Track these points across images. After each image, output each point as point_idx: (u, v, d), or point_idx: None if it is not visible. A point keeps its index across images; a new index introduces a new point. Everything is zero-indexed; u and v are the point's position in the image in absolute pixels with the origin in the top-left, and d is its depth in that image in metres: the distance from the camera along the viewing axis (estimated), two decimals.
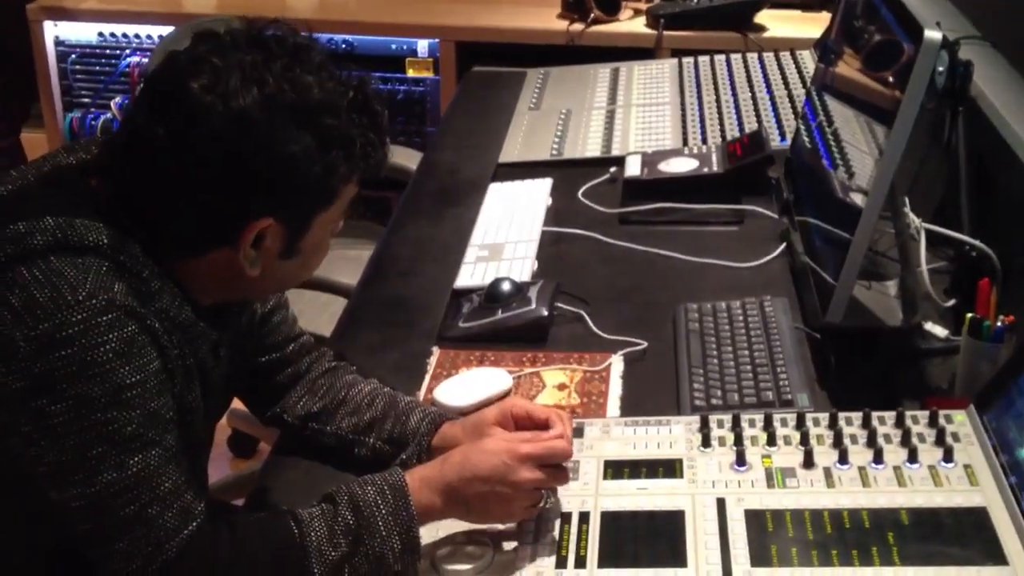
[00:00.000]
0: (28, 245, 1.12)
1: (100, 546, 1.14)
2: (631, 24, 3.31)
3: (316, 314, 2.35)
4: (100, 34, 3.59)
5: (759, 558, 1.20)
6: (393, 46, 3.45)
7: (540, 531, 1.27)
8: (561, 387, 1.59)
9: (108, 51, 3.60)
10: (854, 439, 1.36)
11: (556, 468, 1.26)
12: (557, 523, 1.28)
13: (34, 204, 1.17)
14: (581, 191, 2.17)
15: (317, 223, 1.23)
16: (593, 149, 2.36)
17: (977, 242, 1.70)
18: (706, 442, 1.39)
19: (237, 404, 1.51)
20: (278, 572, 1.17)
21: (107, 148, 1.22)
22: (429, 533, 1.27)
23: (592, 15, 3.26)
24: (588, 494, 1.32)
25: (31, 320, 1.09)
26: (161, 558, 1.13)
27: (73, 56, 3.62)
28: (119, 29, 3.57)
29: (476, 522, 1.27)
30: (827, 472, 1.32)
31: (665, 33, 3.20)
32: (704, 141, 2.35)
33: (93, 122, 3.64)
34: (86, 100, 3.65)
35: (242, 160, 1.14)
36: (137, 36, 3.56)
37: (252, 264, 1.21)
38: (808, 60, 2.65)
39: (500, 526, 1.28)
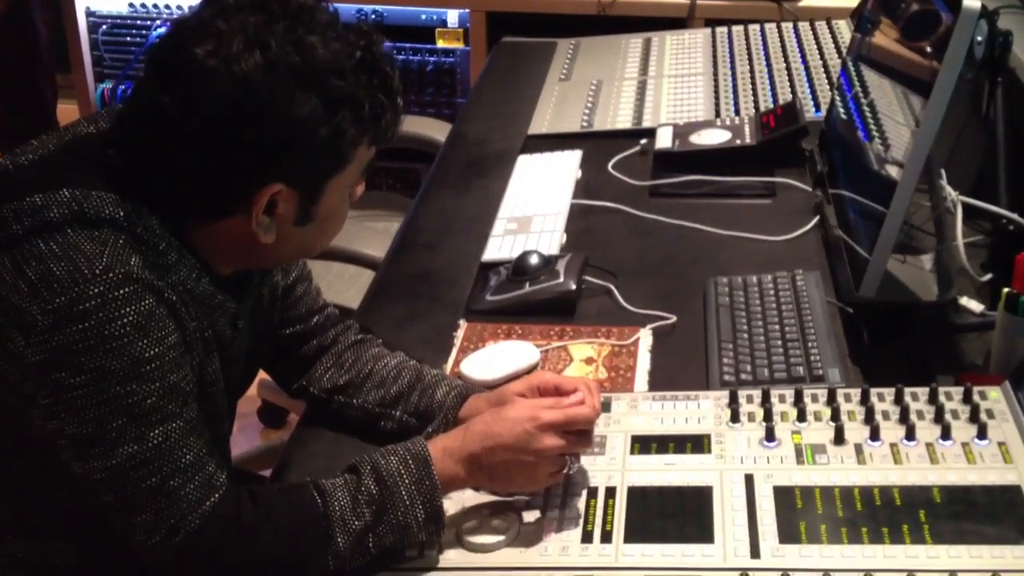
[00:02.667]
0: (45, 218, 1.12)
1: (123, 517, 1.14)
2: None
3: (344, 286, 2.35)
4: (131, 5, 3.59)
5: (787, 535, 1.19)
6: (423, 16, 3.43)
7: (566, 505, 1.26)
8: (589, 361, 1.58)
9: (139, 21, 3.61)
10: (886, 415, 1.35)
11: (580, 434, 1.25)
12: (583, 497, 1.27)
13: (52, 175, 1.16)
14: (611, 163, 2.15)
15: (331, 188, 1.21)
16: (624, 121, 2.34)
17: (1015, 215, 1.67)
18: (735, 418, 1.37)
19: (267, 375, 1.51)
20: (301, 542, 1.17)
21: (118, 118, 1.22)
22: (454, 506, 1.26)
23: None
24: (615, 469, 1.31)
25: (48, 294, 1.09)
26: (184, 530, 1.13)
27: (104, 27, 3.63)
28: (149, 0, 3.58)
29: (499, 490, 1.26)
30: (858, 449, 1.30)
31: (698, 2, 3.15)
32: (737, 112, 2.32)
33: (125, 93, 3.65)
34: (117, 71, 3.66)
35: (247, 125, 1.13)
36: (168, 7, 3.56)
37: (266, 231, 1.20)
38: (844, 30, 2.61)
39: (525, 498, 1.27)
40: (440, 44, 3.45)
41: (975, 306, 1.62)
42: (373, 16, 3.43)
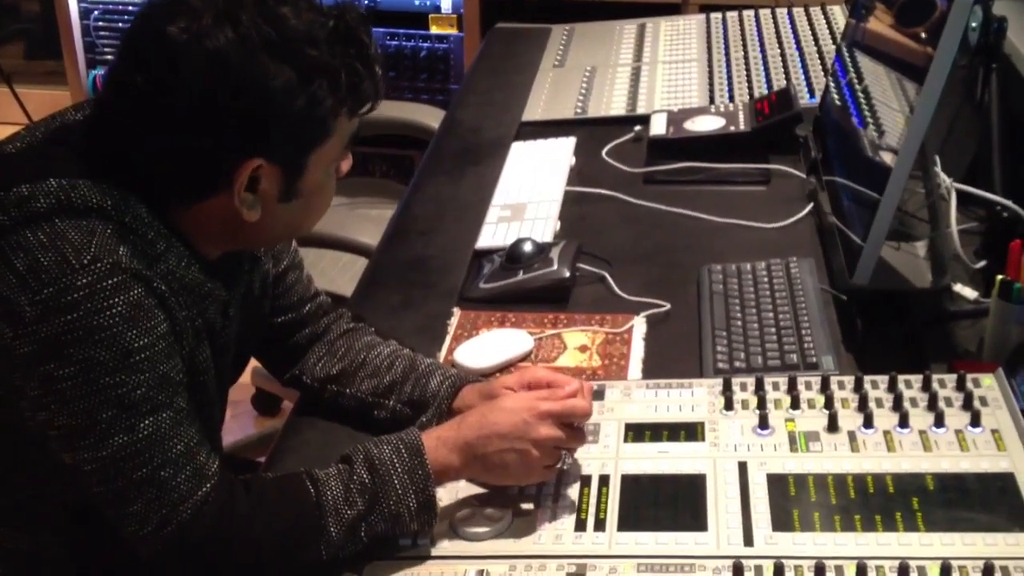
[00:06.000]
0: (32, 208, 1.12)
1: (115, 509, 1.14)
2: None
3: (337, 274, 2.35)
4: None
5: (780, 522, 1.19)
6: (416, 2, 3.42)
7: (559, 494, 1.26)
8: (582, 349, 1.58)
9: (131, 7, 3.59)
10: (879, 403, 1.35)
11: (575, 428, 1.25)
12: (577, 486, 1.27)
13: (38, 164, 1.16)
14: (605, 150, 2.14)
15: (314, 162, 1.21)
16: (618, 107, 2.33)
17: (1009, 202, 1.67)
18: (729, 405, 1.37)
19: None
20: (294, 532, 1.17)
21: (96, 103, 1.21)
22: (448, 495, 1.26)
23: None
24: (609, 457, 1.31)
25: (36, 284, 1.09)
26: (176, 520, 1.12)
27: (96, 13, 3.61)
28: None
29: (494, 481, 1.26)
30: (851, 436, 1.30)
31: None
32: (731, 99, 2.31)
33: (106, 79, 3.64)
34: (109, 57, 3.64)
35: (222, 100, 1.12)
36: None
37: (250, 208, 1.19)
38: (839, 15, 2.61)
39: (518, 487, 1.27)
40: (433, 30, 3.44)
41: (969, 293, 1.62)
42: (367, 1, 3.42)
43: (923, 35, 1.51)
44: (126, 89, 1.15)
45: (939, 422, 1.30)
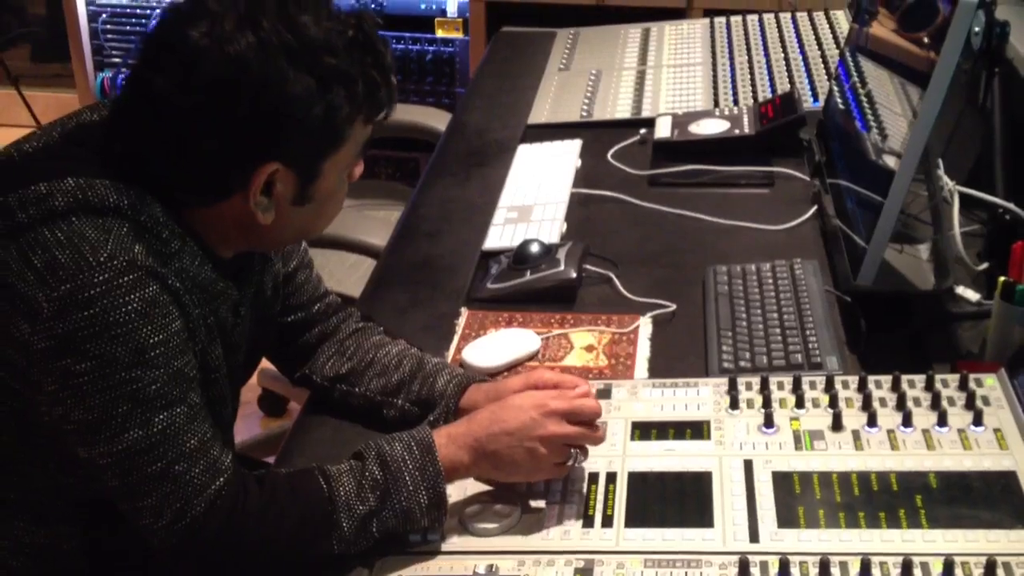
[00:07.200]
0: (50, 206, 1.13)
1: (129, 502, 1.15)
2: None
3: (345, 274, 2.36)
4: None
5: (786, 520, 1.20)
6: (422, 6, 3.44)
7: (567, 491, 1.28)
8: (589, 349, 1.59)
9: (139, 10, 3.61)
10: (883, 402, 1.36)
11: (587, 426, 1.26)
12: (584, 483, 1.29)
13: (56, 164, 1.17)
14: (611, 153, 2.16)
15: (328, 167, 1.22)
16: (623, 110, 2.34)
17: (1011, 205, 1.68)
18: (734, 404, 1.39)
19: (267, 364, 1.52)
20: (306, 527, 1.18)
21: (115, 104, 1.23)
22: (458, 492, 1.27)
23: None
24: (616, 455, 1.33)
25: (53, 281, 1.10)
26: (190, 514, 1.14)
27: (104, 16, 3.63)
28: None
29: (503, 479, 1.27)
30: (855, 435, 1.31)
31: None
32: (735, 102, 2.33)
33: (125, 82, 3.65)
34: (117, 60, 3.66)
35: (241, 105, 1.13)
36: None
37: (264, 211, 1.21)
38: (842, 20, 2.62)
39: (527, 484, 1.28)
40: (440, 34, 3.45)
41: (971, 295, 1.63)
42: (373, 5, 3.44)
43: (926, 40, 1.52)
44: (145, 91, 1.16)
45: (942, 421, 1.31)
